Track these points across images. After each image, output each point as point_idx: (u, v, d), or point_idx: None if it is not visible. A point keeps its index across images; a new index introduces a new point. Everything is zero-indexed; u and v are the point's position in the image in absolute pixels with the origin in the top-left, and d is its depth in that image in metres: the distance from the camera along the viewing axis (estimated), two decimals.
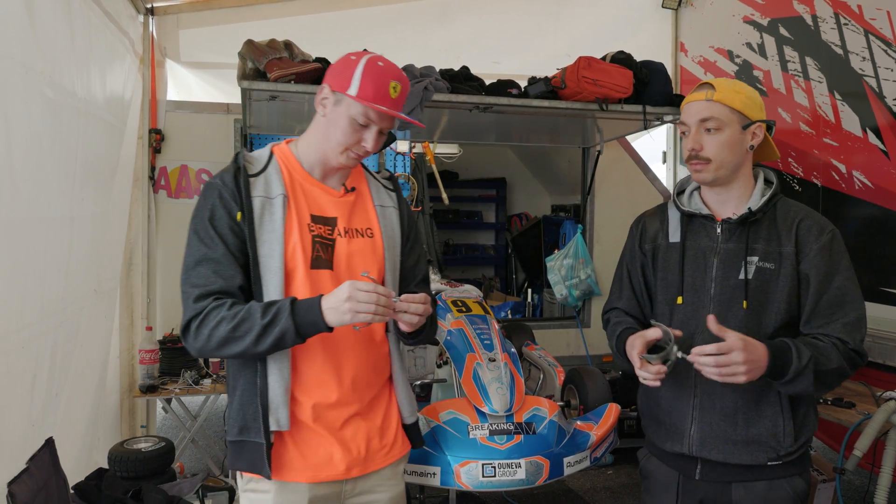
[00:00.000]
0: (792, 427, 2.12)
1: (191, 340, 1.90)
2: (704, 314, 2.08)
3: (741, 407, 2.13)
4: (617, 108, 4.23)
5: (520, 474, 2.89)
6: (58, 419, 2.84)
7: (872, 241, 3.97)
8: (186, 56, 5.15)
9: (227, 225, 1.91)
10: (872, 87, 3.95)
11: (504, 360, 3.29)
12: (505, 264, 9.68)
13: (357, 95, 1.91)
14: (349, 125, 1.95)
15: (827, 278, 2.07)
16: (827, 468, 3.95)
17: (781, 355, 1.97)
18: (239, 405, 1.96)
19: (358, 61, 1.94)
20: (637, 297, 2.36)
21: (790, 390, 2.05)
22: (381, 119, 1.96)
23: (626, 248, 2.42)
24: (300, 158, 2.06)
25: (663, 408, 2.26)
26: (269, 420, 1.92)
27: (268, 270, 1.92)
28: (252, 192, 1.94)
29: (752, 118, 2.13)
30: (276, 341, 1.82)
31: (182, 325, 1.90)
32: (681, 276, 2.21)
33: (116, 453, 3.35)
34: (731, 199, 2.20)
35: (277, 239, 1.92)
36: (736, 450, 2.13)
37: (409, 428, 2.22)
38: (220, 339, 1.84)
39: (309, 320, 1.81)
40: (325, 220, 2.02)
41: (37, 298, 2.59)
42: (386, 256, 2.10)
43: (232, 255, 1.91)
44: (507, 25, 5.65)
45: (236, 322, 1.82)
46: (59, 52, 2.77)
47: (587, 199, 6.00)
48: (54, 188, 2.75)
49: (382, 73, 1.93)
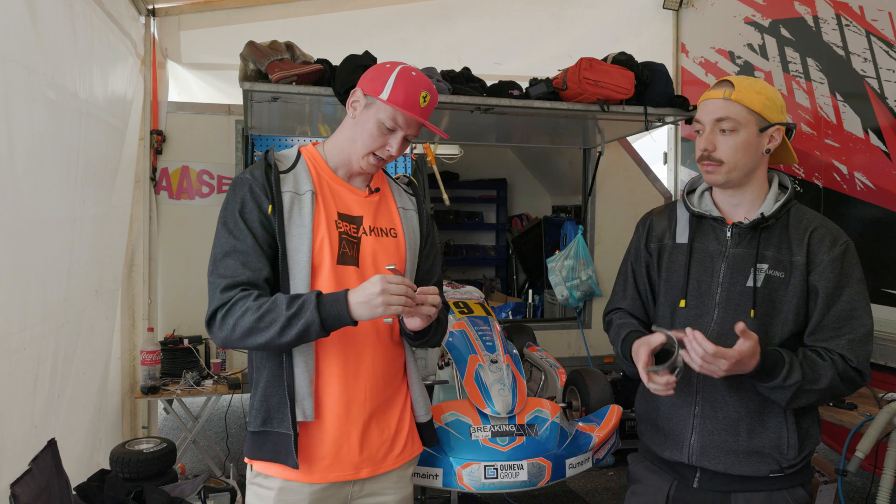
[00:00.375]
0: (796, 439, 2.06)
1: (216, 330, 1.92)
2: (708, 320, 2.06)
3: (744, 417, 2.06)
4: (618, 109, 4.23)
5: (522, 476, 2.89)
6: (59, 421, 2.84)
7: (874, 243, 3.96)
8: (188, 57, 5.15)
9: (257, 218, 1.96)
10: (874, 88, 3.95)
11: (506, 362, 3.29)
12: (506, 265, 9.69)
13: (388, 100, 1.97)
14: (377, 128, 2.01)
15: (836, 291, 2.01)
16: (829, 470, 3.96)
17: (770, 369, 1.91)
18: (263, 396, 1.98)
19: (393, 69, 2.01)
20: (641, 298, 2.29)
21: (763, 392, 2.01)
22: (407, 125, 2.02)
23: (632, 247, 2.35)
24: (326, 159, 2.12)
25: (663, 413, 2.19)
26: (296, 411, 1.94)
27: (295, 264, 1.96)
28: (282, 188, 1.99)
29: (770, 121, 2.04)
30: (301, 333, 1.84)
31: (207, 315, 1.93)
32: (686, 279, 2.14)
33: (118, 454, 3.35)
34: (744, 202, 2.12)
35: (306, 234, 1.97)
36: (738, 461, 2.06)
37: (423, 427, 2.23)
38: (245, 330, 1.86)
39: (335, 314, 1.82)
40: (351, 218, 2.07)
41: (39, 300, 2.58)
42: (407, 257, 2.15)
43: (260, 248, 1.95)
44: (508, 26, 5.64)
45: (262, 313, 1.85)
46: (61, 53, 2.77)
47: (588, 199, 5.99)
48: (56, 189, 2.75)
49: (415, 81, 2.00)
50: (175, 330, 4.78)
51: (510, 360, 3.35)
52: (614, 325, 2.30)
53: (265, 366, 2.00)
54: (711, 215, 2.15)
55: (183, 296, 5.02)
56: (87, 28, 3.14)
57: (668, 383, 1.93)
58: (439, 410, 3.12)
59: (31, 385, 2.55)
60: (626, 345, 2.14)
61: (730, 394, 2.05)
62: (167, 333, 4.77)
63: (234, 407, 6.20)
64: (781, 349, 1.97)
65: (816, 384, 1.94)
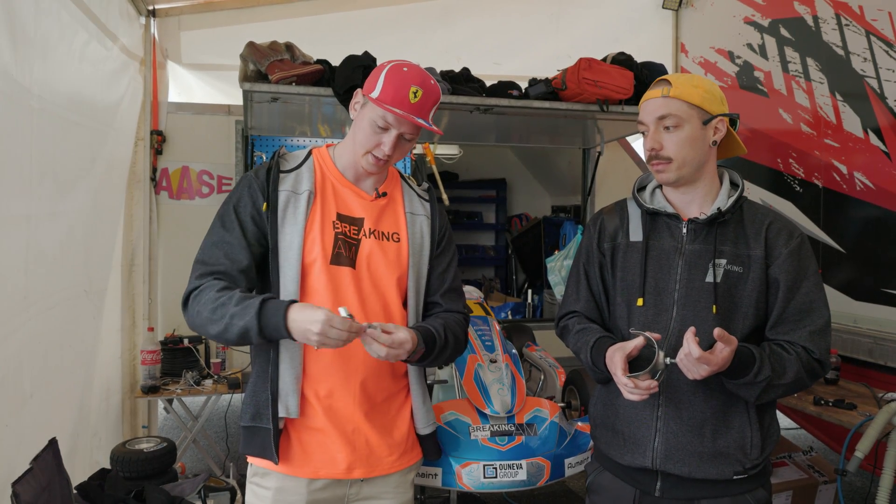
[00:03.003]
0: (759, 438, 2.03)
1: (186, 313, 1.96)
2: (667, 318, 2.03)
3: (709, 417, 2.02)
4: (617, 110, 4.24)
5: (521, 475, 2.89)
6: (31, 420, 2.81)
7: (873, 243, 3.97)
8: (188, 58, 5.15)
9: (249, 213, 2.00)
10: (874, 88, 3.95)
11: (505, 361, 3.30)
12: (505, 265, 9.69)
13: (377, 98, 1.95)
14: (370, 127, 1.99)
15: (796, 284, 2.00)
16: (828, 469, 3.96)
17: (742, 368, 1.89)
18: (252, 391, 2.02)
19: (384, 66, 2.00)
20: (595, 300, 2.23)
21: (732, 389, 1.98)
22: (398, 123, 1.98)
23: (583, 248, 2.28)
24: (335, 160, 2.13)
25: (622, 417, 2.12)
26: (278, 406, 1.96)
27: (286, 262, 1.97)
28: (280, 186, 2.02)
29: (712, 112, 2.03)
30: (241, 334, 1.85)
31: (183, 297, 1.97)
32: (642, 278, 2.09)
33: (119, 454, 3.35)
34: (697, 198, 2.10)
35: (298, 232, 1.98)
36: (702, 463, 2.01)
37: (424, 439, 2.20)
38: (203, 319, 1.89)
39: (272, 324, 1.81)
40: (351, 219, 2.07)
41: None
42: (410, 262, 2.12)
43: (246, 241, 1.98)
44: (508, 26, 5.65)
45: (216, 305, 1.87)
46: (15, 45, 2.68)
47: (587, 199, 6.00)
48: (7, 187, 2.67)
49: (404, 77, 1.96)
50: (175, 330, 4.78)
51: (509, 359, 3.35)
52: (573, 331, 2.23)
53: (256, 361, 2.04)
54: (665, 212, 2.11)
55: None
56: (52, 24, 3.08)
57: (650, 388, 1.87)
58: (439, 410, 3.12)
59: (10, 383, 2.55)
60: (596, 351, 2.07)
61: (693, 393, 2.01)
62: (167, 333, 4.77)
63: (234, 406, 6.19)
64: (749, 345, 1.94)
65: (783, 378, 1.93)
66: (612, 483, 2.17)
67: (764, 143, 4.73)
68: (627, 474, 2.13)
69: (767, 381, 1.91)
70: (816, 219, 4.35)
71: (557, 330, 2.33)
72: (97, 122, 3.90)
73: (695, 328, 1.84)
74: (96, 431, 3.86)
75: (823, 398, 3.40)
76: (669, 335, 1.98)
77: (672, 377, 1.97)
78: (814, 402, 3.39)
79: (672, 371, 1.91)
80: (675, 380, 1.98)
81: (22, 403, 2.73)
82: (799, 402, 3.45)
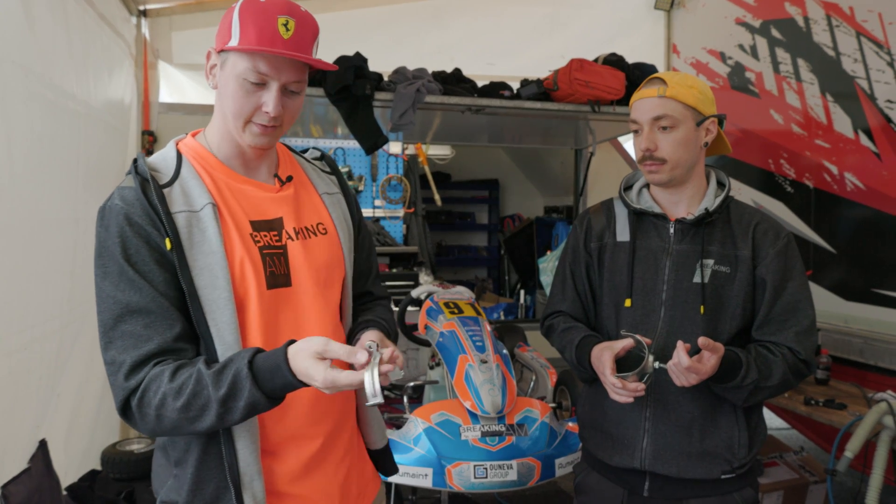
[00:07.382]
0: (747, 438, 2.04)
1: (138, 425, 1.45)
2: (655, 318, 2.03)
3: (698, 418, 2.03)
4: (609, 110, 4.25)
5: (511, 475, 2.89)
6: (59, 421, 2.83)
7: (864, 243, 3.98)
8: (179, 58, 5.13)
9: (149, 257, 1.44)
10: (864, 89, 3.97)
11: (496, 362, 3.29)
12: (497, 265, 9.71)
13: (239, 44, 1.46)
14: (240, 87, 1.49)
15: (782, 284, 2.00)
16: (819, 469, 3.97)
17: (729, 373, 1.89)
18: (195, 482, 1.50)
19: (233, 7, 1.50)
20: (581, 300, 2.22)
21: (719, 392, 1.99)
22: (277, 70, 1.48)
23: (569, 247, 2.28)
24: (213, 152, 1.61)
25: (610, 418, 2.12)
26: (244, 498, 1.49)
27: (213, 305, 1.46)
28: (171, 208, 1.48)
29: (705, 113, 2.03)
30: (247, 414, 1.41)
31: (118, 407, 1.44)
32: (630, 278, 2.08)
33: (109, 455, 3.34)
34: (684, 198, 2.10)
35: (218, 262, 1.46)
36: (691, 463, 2.02)
37: (378, 454, 1.87)
38: (173, 423, 1.41)
39: (278, 385, 1.38)
40: (268, 224, 1.59)
41: (39, 301, 2.58)
42: (345, 257, 1.72)
43: (163, 297, 1.43)
44: (501, 27, 5.65)
45: (185, 399, 1.38)
46: (57, 54, 2.77)
47: (580, 200, 6.01)
48: (57, 190, 2.74)
49: (265, 9, 1.47)
50: None
51: (500, 360, 3.35)
52: (558, 330, 2.23)
53: (192, 441, 1.51)
54: (652, 212, 2.11)
55: None
56: (81, 29, 3.14)
57: (637, 390, 1.87)
58: (429, 410, 3.12)
59: (32, 385, 2.54)
60: (581, 350, 2.07)
61: (681, 394, 2.01)
62: None
63: None
64: (736, 349, 1.95)
65: (770, 381, 1.94)
66: (600, 483, 2.18)
67: (755, 143, 4.74)
68: (616, 475, 2.14)
69: (754, 384, 1.92)
70: (807, 219, 4.36)
71: (543, 329, 2.33)
72: (123, 124, 3.96)
73: (689, 345, 1.83)
74: (90, 432, 3.85)
75: (814, 398, 3.41)
76: (657, 336, 1.98)
77: (660, 378, 1.97)
78: (804, 402, 3.40)
79: (660, 373, 1.91)
80: (662, 381, 1.99)
81: (49, 404, 2.71)
82: (790, 402, 3.46)
